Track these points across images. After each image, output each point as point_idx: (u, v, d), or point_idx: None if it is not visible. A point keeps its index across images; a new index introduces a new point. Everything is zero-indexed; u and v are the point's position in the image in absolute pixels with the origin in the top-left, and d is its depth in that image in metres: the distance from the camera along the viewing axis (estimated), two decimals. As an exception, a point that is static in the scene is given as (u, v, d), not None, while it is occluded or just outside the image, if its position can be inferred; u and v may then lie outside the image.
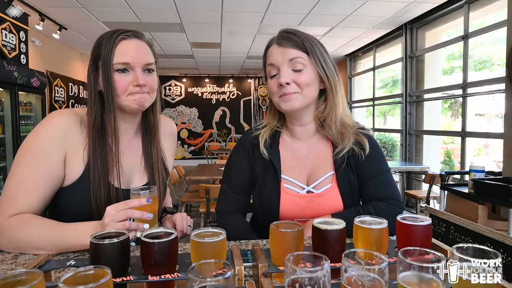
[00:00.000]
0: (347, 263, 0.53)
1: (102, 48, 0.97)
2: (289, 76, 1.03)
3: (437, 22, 4.72)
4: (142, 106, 1.01)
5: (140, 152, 1.11)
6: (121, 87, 0.97)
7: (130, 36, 1.00)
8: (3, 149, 3.71)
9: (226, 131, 10.41)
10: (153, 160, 1.11)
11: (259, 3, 4.24)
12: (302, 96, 1.05)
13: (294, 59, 1.03)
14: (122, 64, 0.97)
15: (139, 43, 1.01)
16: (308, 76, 1.04)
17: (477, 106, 6.00)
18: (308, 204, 1.09)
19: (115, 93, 0.97)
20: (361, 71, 7.08)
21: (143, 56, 1.00)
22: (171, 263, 0.66)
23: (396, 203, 1.08)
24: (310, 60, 1.04)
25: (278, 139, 1.16)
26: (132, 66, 0.97)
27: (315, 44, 1.06)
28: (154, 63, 1.04)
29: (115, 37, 0.97)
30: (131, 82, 0.98)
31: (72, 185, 0.97)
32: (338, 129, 1.10)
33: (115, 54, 0.96)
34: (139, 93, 0.99)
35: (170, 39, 5.85)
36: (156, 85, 1.05)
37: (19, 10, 3.70)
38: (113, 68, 0.96)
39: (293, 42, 1.04)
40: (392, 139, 7.07)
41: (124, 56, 0.97)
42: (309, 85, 1.05)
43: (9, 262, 0.85)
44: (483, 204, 2.63)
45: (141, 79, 0.98)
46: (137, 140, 1.12)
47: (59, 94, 5.85)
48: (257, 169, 1.15)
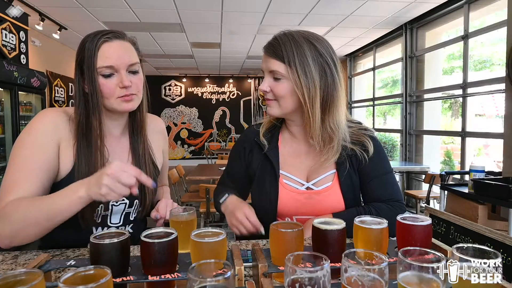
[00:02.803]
0: (347, 263, 0.53)
1: (85, 51, 0.97)
2: (267, 85, 1.05)
3: (437, 22, 4.72)
4: (132, 108, 1.03)
5: (127, 150, 1.12)
6: (108, 91, 0.98)
7: (112, 38, 0.99)
8: (3, 149, 3.71)
9: (226, 131, 10.41)
10: (140, 157, 1.11)
11: (259, 3, 4.24)
12: (279, 105, 1.06)
13: (274, 71, 1.03)
14: (106, 68, 0.97)
15: (122, 44, 1.01)
16: (284, 87, 1.03)
17: (476, 107, 6.01)
18: (307, 201, 1.09)
19: (100, 96, 0.98)
20: (361, 71, 7.08)
21: (126, 57, 1.00)
22: (171, 263, 0.66)
23: (398, 205, 1.08)
24: (288, 72, 1.01)
25: (278, 135, 1.17)
26: (116, 68, 0.98)
27: (300, 54, 1.00)
28: (139, 61, 1.04)
29: (97, 40, 0.97)
30: (117, 84, 0.98)
31: (61, 181, 0.98)
32: (319, 139, 1.06)
33: (98, 58, 0.96)
34: (127, 95, 0.99)
35: (170, 39, 5.85)
36: (141, 85, 1.05)
37: (19, 10, 3.70)
38: (98, 72, 0.96)
39: (274, 52, 1.03)
40: (392, 139, 7.07)
41: (107, 59, 0.97)
42: (284, 96, 1.04)
43: (9, 262, 0.85)
44: (483, 204, 2.63)
45: (126, 80, 0.98)
46: (124, 138, 1.13)
47: (59, 94, 5.85)
48: (255, 165, 1.16)
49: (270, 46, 1.05)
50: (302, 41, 1.02)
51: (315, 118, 1.03)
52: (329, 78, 1.02)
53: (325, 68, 1.02)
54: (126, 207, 1.08)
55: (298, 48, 1.01)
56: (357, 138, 1.10)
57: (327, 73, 1.02)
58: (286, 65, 1.01)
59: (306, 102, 1.01)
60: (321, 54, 1.02)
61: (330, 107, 1.03)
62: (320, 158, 1.07)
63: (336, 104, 1.04)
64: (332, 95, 1.03)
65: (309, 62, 1.00)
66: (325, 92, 1.02)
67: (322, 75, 1.02)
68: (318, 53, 1.02)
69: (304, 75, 1.00)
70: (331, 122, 1.04)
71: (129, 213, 1.09)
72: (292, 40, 1.02)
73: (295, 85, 1.01)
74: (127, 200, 1.07)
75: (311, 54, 1.01)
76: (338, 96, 1.04)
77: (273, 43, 1.04)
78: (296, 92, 1.01)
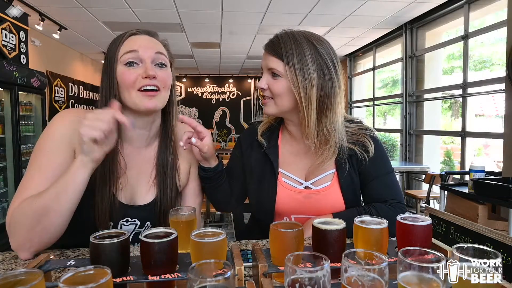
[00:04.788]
0: (347, 263, 0.53)
1: (112, 44, 0.95)
2: (265, 82, 1.05)
3: (437, 22, 4.72)
4: (154, 106, 0.93)
5: (151, 164, 1.04)
6: (128, 80, 0.90)
7: (141, 32, 0.97)
8: (3, 149, 3.71)
9: (226, 131, 10.41)
10: (166, 174, 1.03)
11: (259, 3, 4.24)
12: (275, 103, 1.05)
13: (272, 68, 1.03)
14: (130, 53, 0.91)
15: (150, 39, 0.98)
16: (281, 85, 1.02)
17: (476, 108, 6.01)
18: (306, 200, 1.09)
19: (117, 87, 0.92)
20: (361, 71, 7.08)
21: (153, 46, 0.94)
22: (171, 263, 0.66)
23: (398, 206, 1.07)
24: (286, 70, 1.01)
25: (278, 134, 1.17)
26: (141, 56, 0.92)
27: (300, 53, 1.00)
28: (169, 60, 1.00)
29: (125, 33, 0.95)
30: (140, 75, 0.91)
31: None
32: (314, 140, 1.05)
33: (123, 46, 0.93)
34: (150, 89, 0.91)
35: (170, 39, 5.73)
36: (170, 82, 0.97)
37: (19, 10, 3.70)
38: (120, 61, 0.92)
39: (274, 50, 1.03)
40: (392, 139, 7.07)
41: (132, 46, 0.92)
42: (280, 95, 1.03)
43: (9, 262, 0.85)
44: (483, 204, 2.63)
45: (150, 69, 0.91)
46: (149, 150, 1.04)
47: (59, 94, 5.84)
48: (253, 162, 1.15)
49: (270, 44, 1.05)
50: (302, 41, 1.01)
51: (310, 118, 1.02)
52: (327, 79, 1.02)
53: (323, 69, 1.01)
54: (137, 228, 1.03)
55: (298, 47, 1.01)
56: (357, 138, 1.09)
57: (326, 74, 1.02)
58: (284, 63, 1.01)
59: (302, 101, 1.01)
60: (320, 54, 1.02)
61: (327, 108, 1.03)
62: (316, 160, 1.07)
63: (334, 106, 1.03)
64: (329, 96, 1.02)
65: (307, 62, 1.00)
66: (322, 92, 1.01)
67: (320, 75, 1.01)
68: (317, 54, 1.01)
69: (301, 74, 1.00)
70: (327, 124, 1.03)
71: (139, 233, 1.04)
72: (292, 39, 1.02)
73: (292, 84, 1.01)
74: (138, 222, 1.02)
75: (310, 54, 1.01)
76: (335, 98, 1.03)
77: (274, 41, 1.05)
78: (293, 91, 1.01)
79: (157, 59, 0.95)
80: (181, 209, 0.89)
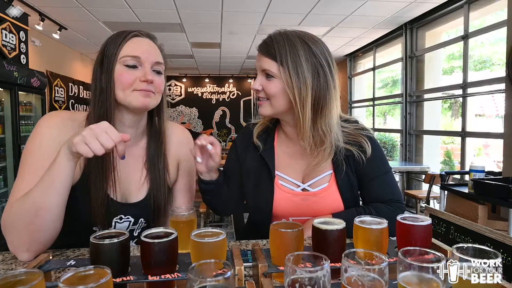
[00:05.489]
0: (347, 263, 0.53)
1: (111, 43, 0.96)
2: (259, 83, 1.04)
3: (437, 22, 4.72)
4: (147, 104, 0.97)
5: (141, 161, 1.06)
6: (127, 81, 0.94)
7: (143, 34, 0.99)
8: (3, 149, 3.71)
9: (226, 131, 10.40)
10: (157, 171, 1.04)
11: (259, 3, 4.24)
12: (270, 104, 1.05)
13: (266, 69, 1.02)
14: (132, 58, 0.94)
15: (151, 43, 1.01)
16: (275, 86, 1.02)
17: (476, 108, 6.01)
18: (303, 202, 1.09)
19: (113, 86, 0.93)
20: (361, 71, 7.08)
21: (155, 54, 0.99)
22: (171, 263, 0.66)
23: (397, 205, 1.07)
24: (280, 71, 1.00)
25: (274, 136, 1.16)
26: (142, 61, 0.96)
27: (293, 54, 0.99)
28: (164, 66, 1.03)
29: (127, 33, 0.96)
30: (138, 77, 0.95)
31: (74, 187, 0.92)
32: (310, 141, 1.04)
33: (125, 47, 0.95)
34: (144, 90, 0.95)
35: (170, 39, 5.84)
36: (163, 87, 1.02)
37: (19, 10, 3.70)
38: (120, 61, 0.94)
39: (267, 51, 1.02)
40: (392, 139, 7.07)
41: (135, 50, 0.95)
42: (275, 96, 1.02)
43: (9, 262, 0.85)
44: (483, 204, 2.63)
45: (149, 74, 0.95)
46: (137, 147, 1.06)
47: (59, 94, 5.84)
48: (249, 164, 1.15)
49: (263, 45, 1.05)
50: (296, 41, 1.00)
51: (305, 119, 1.01)
52: (322, 79, 1.00)
53: (318, 69, 1.00)
54: (131, 225, 1.04)
55: (292, 47, 1.00)
56: (354, 138, 1.08)
57: (320, 74, 1.00)
58: (278, 64, 1.00)
59: (297, 102, 1.00)
60: (315, 54, 1.01)
61: (322, 109, 1.02)
62: (312, 161, 1.06)
63: (329, 107, 1.02)
64: (324, 97, 1.01)
65: (301, 62, 0.99)
66: (317, 93, 1.00)
67: (314, 76, 1.00)
68: (312, 54, 1.00)
69: (296, 75, 0.99)
70: (322, 125, 1.02)
71: (133, 230, 1.06)
72: (286, 40, 1.01)
73: (286, 85, 1.00)
74: (132, 219, 1.03)
75: (304, 54, 0.99)
76: (330, 98, 1.02)
77: (267, 42, 1.04)
78: (287, 91, 1.01)
79: (156, 66, 0.99)
80: (181, 209, 0.89)
